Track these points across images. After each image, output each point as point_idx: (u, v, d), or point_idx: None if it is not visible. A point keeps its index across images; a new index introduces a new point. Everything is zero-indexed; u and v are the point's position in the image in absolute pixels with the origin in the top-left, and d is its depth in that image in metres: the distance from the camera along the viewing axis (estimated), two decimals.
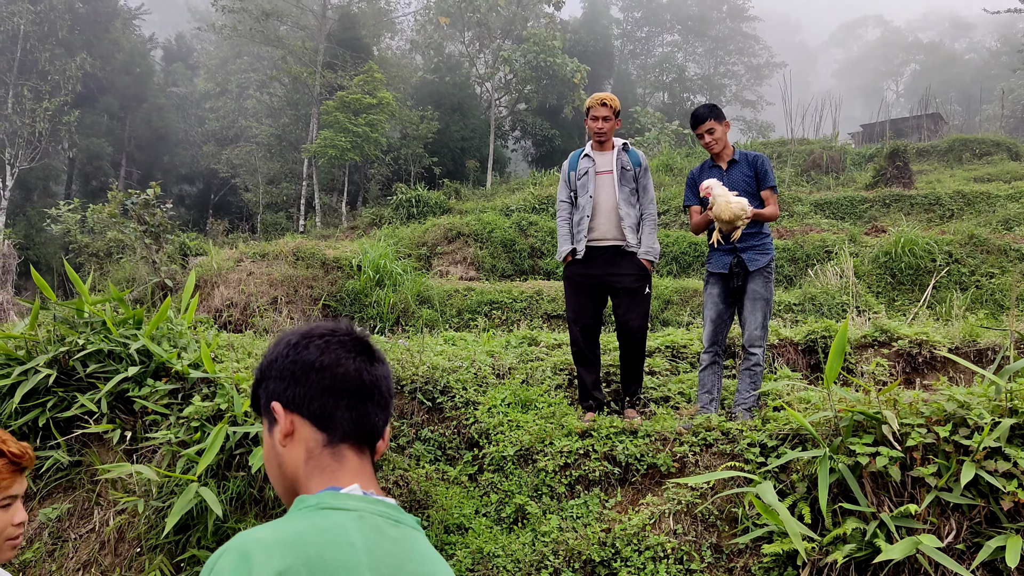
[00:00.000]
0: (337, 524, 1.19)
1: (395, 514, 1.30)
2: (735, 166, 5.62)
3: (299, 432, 1.35)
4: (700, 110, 5.65)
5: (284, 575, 1.09)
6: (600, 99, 5.72)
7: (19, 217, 30.00)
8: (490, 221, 16.31)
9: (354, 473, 1.33)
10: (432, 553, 1.34)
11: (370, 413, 1.37)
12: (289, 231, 27.66)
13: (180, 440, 5.06)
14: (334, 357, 1.36)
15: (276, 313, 10.34)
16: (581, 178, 5.75)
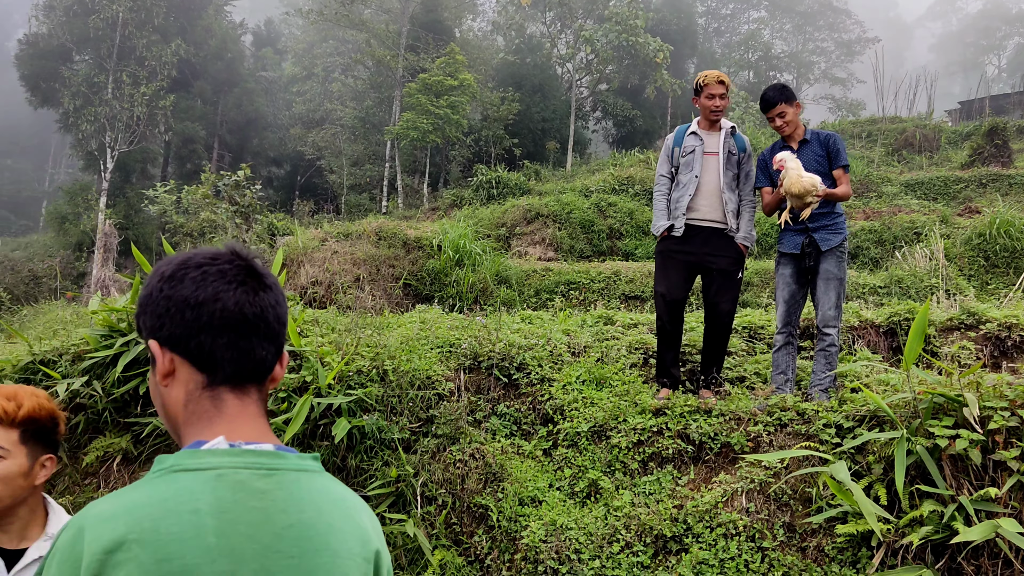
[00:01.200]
0: (183, 490, 1.11)
1: (269, 462, 1.20)
2: (806, 146, 5.51)
3: (179, 373, 1.25)
4: (770, 93, 5.55)
5: (114, 550, 1.04)
6: (717, 76, 5.60)
7: (119, 198, 31.43)
8: (569, 202, 16.32)
9: (231, 419, 1.24)
10: (322, 494, 1.25)
11: (255, 348, 1.25)
12: (372, 212, 28.23)
13: (269, 410, 5.30)
14: (211, 291, 1.22)
15: (359, 291, 10.64)
16: (686, 155, 5.66)
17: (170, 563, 1.04)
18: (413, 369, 5.70)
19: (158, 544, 1.05)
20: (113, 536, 1.04)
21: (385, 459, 5.23)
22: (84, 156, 32.71)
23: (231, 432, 1.22)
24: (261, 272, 1.30)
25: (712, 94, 5.59)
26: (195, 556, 1.06)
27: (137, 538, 1.04)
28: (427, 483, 5.12)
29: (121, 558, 1.03)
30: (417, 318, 7.42)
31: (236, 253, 1.31)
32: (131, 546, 1.04)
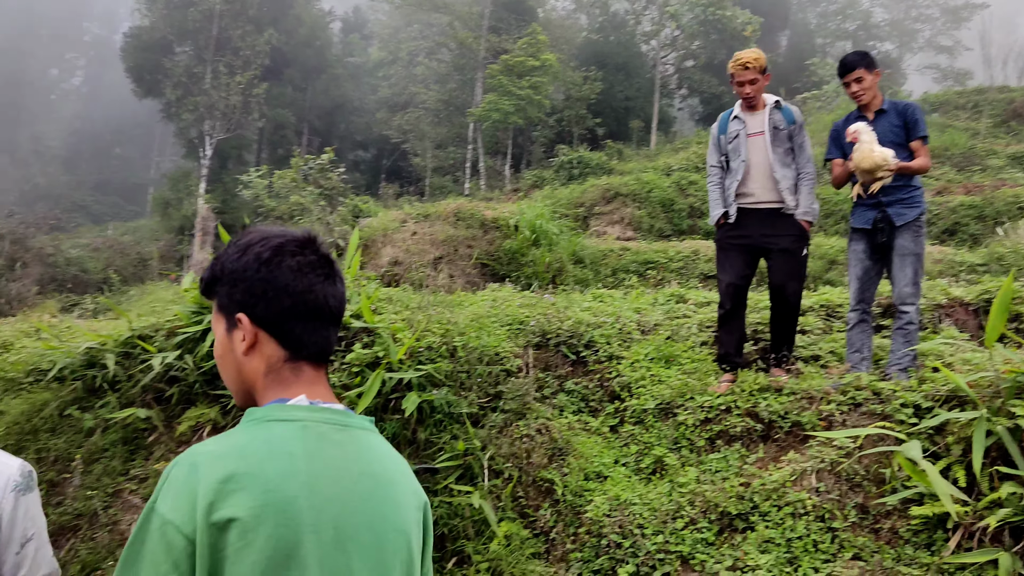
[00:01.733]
0: (278, 436, 1.28)
1: (342, 419, 1.37)
2: (883, 117, 5.26)
3: (262, 346, 1.39)
4: (850, 57, 5.32)
5: (228, 481, 1.19)
6: (741, 62, 5.35)
7: (217, 184, 32.71)
8: (649, 181, 16.14)
9: (307, 384, 1.39)
10: (382, 450, 1.42)
11: (332, 334, 1.44)
12: (455, 194, 28.55)
13: (343, 383, 5.49)
14: (307, 283, 1.38)
15: (436, 272, 10.83)
16: (732, 141, 5.50)
17: (274, 493, 1.20)
18: (482, 345, 5.79)
19: (264, 478, 1.21)
20: (226, 470, 1.20)
21: (453, 433, 5.34)
22: (185, 144, 34.20)
23: (310, 393, 1.38)
24: (336, 265, 1.46)
25: (741, 80, 5.39)
26: (293, 490, 1.22)
27: (246, 471, 1.21)
28: (494, 457, 5.21)
29: (234, 487, 1.19)
30: (489, 296, 7.51)
31: (315, 241, 1.45)
32: (241, 478, 1.20)
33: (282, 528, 1.19)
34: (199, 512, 1.17)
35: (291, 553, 1.20)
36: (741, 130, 5.49)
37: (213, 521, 1.17)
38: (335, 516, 1.26)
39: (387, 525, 1.33)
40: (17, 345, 8.60)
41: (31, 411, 6.95)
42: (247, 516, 1.18)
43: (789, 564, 4.16)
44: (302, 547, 1.21)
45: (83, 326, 9.08)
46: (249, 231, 1.47)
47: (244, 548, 1.17)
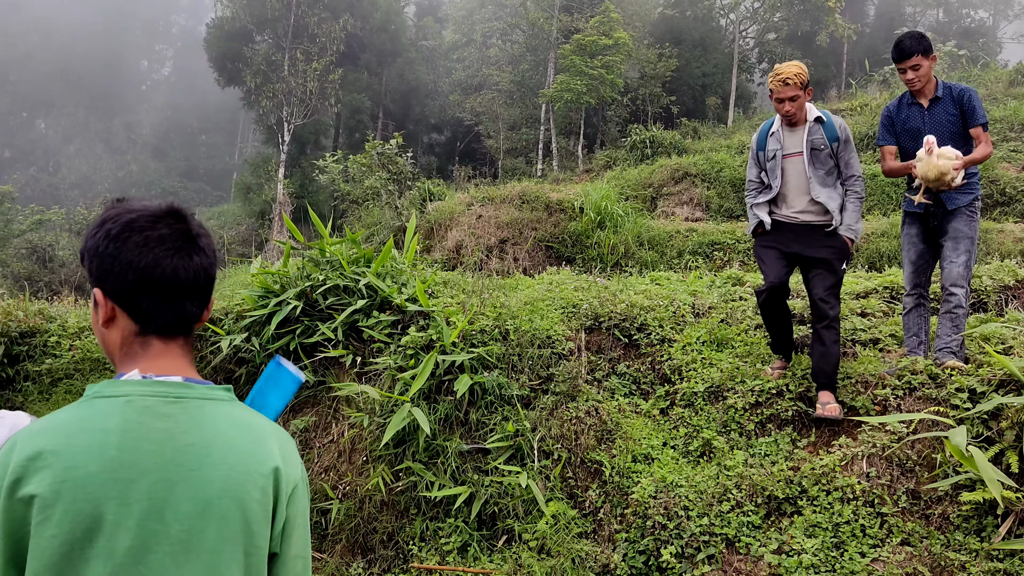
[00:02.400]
0: (97, 412, 1.33)
1: (175, 391, 1.39)
2: (938, 104, 5.05)
3: (118, 320, 1.45)
4: (906, 42, 5.00)
5: (35, 458, 1.25)
6: (781, 77, 4.93)
7: (295, 169, 33.54)
8: (719, 160, 15.87)
9: (152, 358, 1.43)
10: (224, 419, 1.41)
11: (185, 307, 1.45)
12: (527, 175, 28.58)
13: (399, 366, 5.66)
14: (152, 258, 1.40)
15: (501, 254, 10.92)
16: (769, 161, 5.17)
17: (76, 470, 1.25)
18: (534, 329, 5.87)
19: (68, 455, 1.26)
20: (35, 448, 1.27)
21: (504, 414, 5.45)
22: (265, 130, 35.15)
23: (147, 368, 1.42)
24: (196, 234, 1.47)
25: (780, 97, 4.99)
26: (96, 465, 1.27)
27: (52, 449, 1.27)
28: (544, 438, 5.30)
29: (39, 465, 1.25)
30: (546, 280, 7.57)
31: (175, 214, 1.47)
32: (47, 456, 1.26)
33: (80, 503, 1.24)
34: (4, 488, 1.25)
35: (93, 527, 1.24)
36: (777, 151, 5.14)
37: (17, 497, 1.24)
38: (150, 486, 1.29)
39: (212, 492, 1.33)
40: None
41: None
42: (47, 492, 1.24)
43: (835, 549, 4.14)
44: (105, 520, 1.25)
45: None
46: (112, 205, 1.49)
47: (43, 523, 1.23)
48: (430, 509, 5.27)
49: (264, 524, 1.39)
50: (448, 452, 5.30)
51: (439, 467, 5.29)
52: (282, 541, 1.44)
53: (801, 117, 5.05)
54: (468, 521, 5.07)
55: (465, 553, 4.99)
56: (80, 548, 1.24)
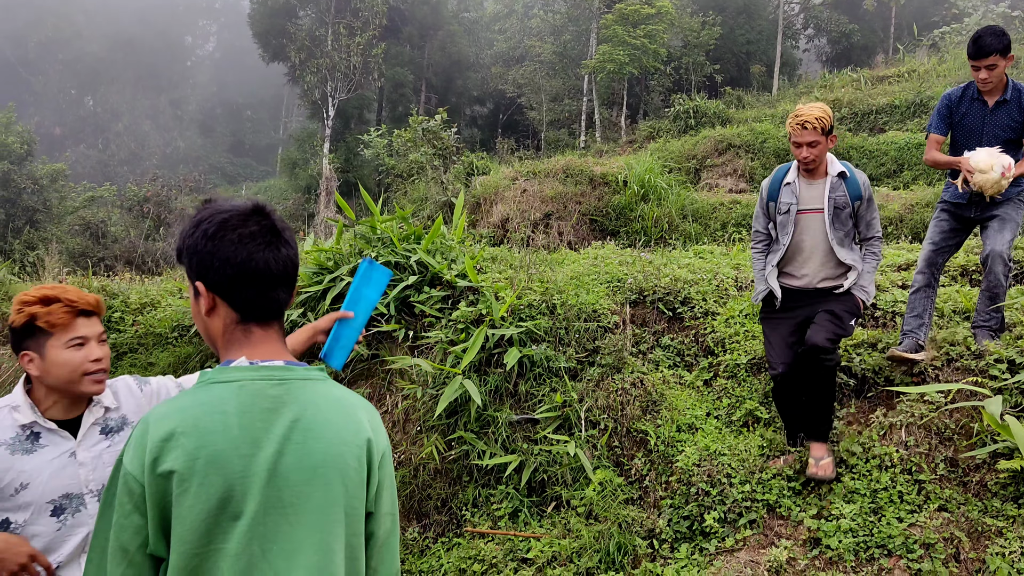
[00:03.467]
0: (216, 396, 1.51)
1: (279, 374, 1.57)
2: (1003, 107, 4.75)
3: (219, 309, 1.62)
4: (987, 40, 4.58)
5: (168, 439, 1.44)
6: (800, 119, 4.35)
7: (340, 144, 33.92)
8: (763, 131, 15.76)
9: (255, 344, 1.61)
10: (323, 397, 1.60)
11: (279, 295, 1.63)
12: (570, 147, 28.55)
13: (450, 339, 5.88)
14: (246, 253, 1.57)
15: (546, 229, 11.08)
16: (782, 215, 4.58)
17: (205, 448, 1.45)
18: (580, 303, 6.04)
19: (196, 435, 1.46)
20: (167, 429, 1.46)
21: (552, 386, 5.65)
22: (309, 105, 35.52)
23: (252, 354, 1.61)
24: (280, 228, 1.64)
25: (799, 142, 4.39)
26: (223, 443, 1.47)
27: (183, 430, 1.46)
28: (591, 408, 5.50)
29: (173, 444, 1.45)
30: (591, 254, 7.73)
31: (261, 211, 1.64)
32: (179, 436, 1.45)
33: (212, 476, 1.44)
34: (147, 465, 1.44)
35: (224, 496, 1.44)
36: (793, 204, 4.54)
37: (158, 472, 1.43)
38: (267, 459, 1.48)
39: (317, 460, 1.53)
40: (163, 303, 9.49)
41: (176, 363, 7.74)
42: (182, 468, 1.43)
43: (873, 514, 4.28)
44: (234, 489, 1.45)
45: None
46: (205, 207, 1.66)
47: (182, 494, 1.42)
48: (481, 476, 5.52)
49: (360, 487, 1.59)
50: (498, 422, 5.52)
51: (490, 436, 5.53)
52: (376, 501, 1.64)
53: (821, 168, 4.50)
54: (518, 488, 5.31)
55: (516, 518, 5.24)
56: (215, 514, 1.44)
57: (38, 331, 2.27)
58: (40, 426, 2.29)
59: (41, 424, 2.29)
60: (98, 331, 2.37)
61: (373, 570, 1.64)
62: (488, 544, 5.02)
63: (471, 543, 5.12)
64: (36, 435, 2.28)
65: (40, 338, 2.28)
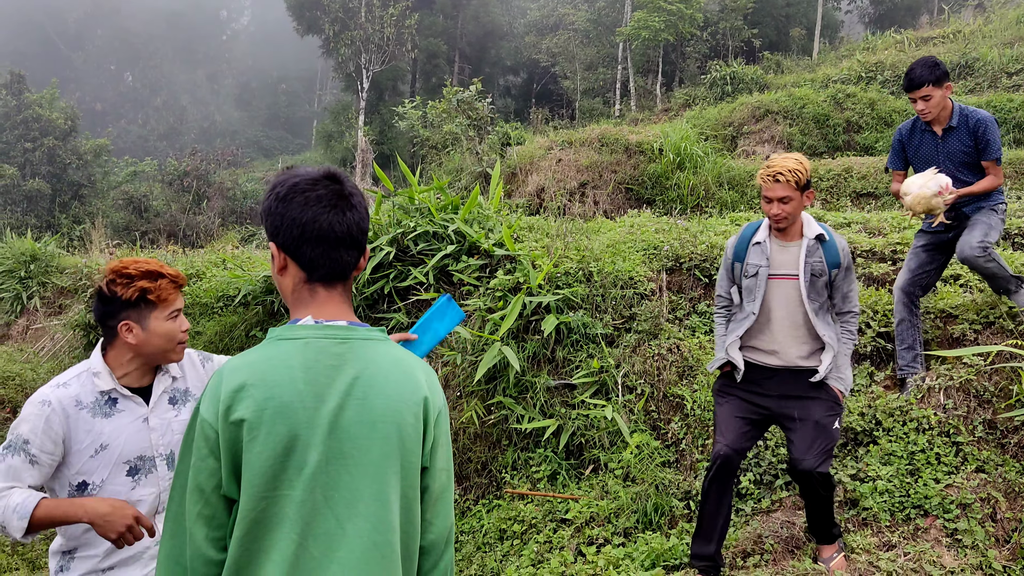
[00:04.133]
0: (283, 352, 1.62)
1: (342, 333, 1.66)
2: (952, 134, 4.72)
3: (289, 268, 1.71)
4: (918, 72, 4.63)
5: (240, 390, 1.55)
6: (773, 171, 3.74)
7: (374, 116, 34.05)
8: (802, 96, 15.53)
9: (320, 304, 1.71)
10: (382, 356, 1.69)
11: (342, 256, 1.70)
12: (605, 116, 28.34)
13: (488, 307, 5.99)
14: (312, 214, 1.66)
15: (582, 198, 11.10)
16: (748, 278, 3.94)
17: (273, 400, 1.56)
18: (616, 270, 6.10)
19: (265, 387, 1.57)
20: (239, 381, 1.58)
21: (589, 352, 5.74)
22: (344, 78, 35.68)
23: (317, 313, 1.70)
24: (349, 193, 1.72)
25: (769, 197, 3.78)
26: (289, 396, 1.57)
27: (252, 383, 1.57)
28: (628, 374, 5.58)
29: (243, 395, 1.56)
30: (627, 222, 7.76)
31: (331, 176, 1.72)
32: (249, 388, 1.56)
33: (279, 426, 1.55)
34: (220, 413, 1.55)
35: (290, 444, 1.55)
36: (762, 267, 3.89)
37: (230, 421, 1.55)
38: (330, 412, 1.58)
39: (376, 416, 1.62)
40: (208, 274, 9.73)
41: (222, 332, 7.95)
42: (252, 417, 1.54)
43: (910, 475, 4.32)
44: (299, 439, 1.56)
45: (261, 256, 10.09)
46: (282, 172, 1.76)
47: (252, 441, 1.54)
48: (520, 440, 5.64)
49: (417, 443, 1.68)
50: (536, 387, 5.63)
51: (528, 402, 5.64)
52: (431, 457, 1.73)
53: (796, 228, 3.89)
54: (556, 451, 5.42)
55: (554, 480, 5.36)
56: (281, 461, 1.56)
57: (144, 303, 2.42)
58: (118, 392, 2.44)
59: (119, 390, 2.44)
60: (183, 304, 2.54)
61: (428, 523, 1.73)
62: (527, 505, 5.16)
63: (511, 504, 5.25)
64: (114, 400, 2.43)
65: (144, 310, 2.42)
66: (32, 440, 2.30)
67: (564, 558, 4.50)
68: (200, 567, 1.56)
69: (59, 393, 2.37)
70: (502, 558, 4.83)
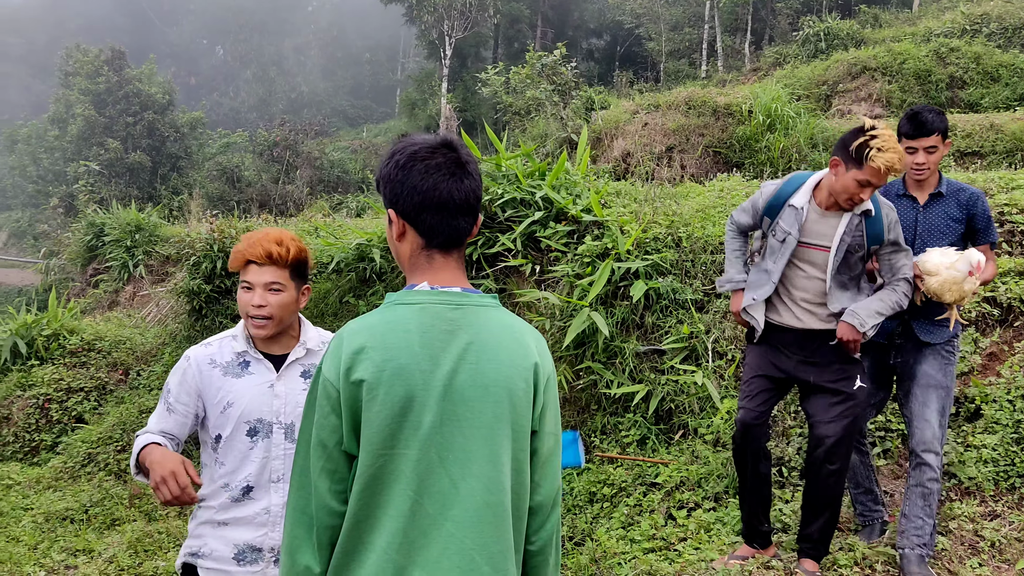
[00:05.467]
0: (400, 316, 1.68)
1: (456, 299, 1.71)
2: (938, 202, 3.79)
3: (408, 235, 1.76)
4: (927, 116, 3.68)
5: (359, 352, 1.63)
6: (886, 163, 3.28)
7: (457, 83, 34.14)
8: (902, 51, 14.83)
9: (436, 270, 1.75)
10: (495, 322, 1.73)
11: (459, 223, 1.74)
12: (690, 78, 27.71)
13: (576, 273, 6.01)
14: (432, 182, 1.70)
15: (669, 162, 10.95)
16: (775, 239, 3.65)
17: (391, 362, 1.63)
18: (706, 235, 6.03)
19: (383, 349, 1.64)
20: (358, 343, 1.66)
21: (679, 318, 5.71)
22: (426, 45, 35.80)
23: (433, 279, 1.75)
24: (465, 161, 1.76)
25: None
26: (406, 358, 1.64)
27: (371, 345, 1.65)
28: (718, 340, 5.53)
29: (363, 357, 1.64)
30: (716, 187, 7.63)
31: (449, 144, 1.76)
32: (368, 350, 1.64)
33: (396, 387, 1.61)
34: (341, 373, 1.64)
35: (406, 404, 1.62)
36: (790, 235, 3.59)
37: (351, 380, 1.62)
38: (444, 376, 1.64)
39: (488, 380, 1.67)
40: None
41: (317, 299, 8.21)
42: (371, 378, 1.61)
43: (1016, 444, 4.19)
44: (415, 400, 1.62)
45: (352, 225, 10.34)
46: (399, 140, 1.79)
47: (370, 401, 1.61)
48: (610, 405, 5.68)
49: (527, 407, 1.73)
50: (625, 353, 5.64)
51: (617, 367, 5.66)
52: (540, 421, 1.78)
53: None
54: (645, 416, 5.44)
55: (644, 445, 5.39)
56: (398, 421, 1.63)
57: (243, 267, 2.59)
58: (250, 355, 2.58)
59: (251, 354, 2.58)
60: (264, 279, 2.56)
61: (536, 484, 1.78)
62: (617, 469, 5.21)
63: (600, 468, 5.31)
64: (246, 363, 2.57)
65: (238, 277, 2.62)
66: (172, 391, 2.52)
67: (655, 521, 4.54)
68: (324, 517, 1.65)
69: (199, 351, 2.56)
70: (592, 520, 4.91)
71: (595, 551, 4.36)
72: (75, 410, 8.59)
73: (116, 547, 5.64)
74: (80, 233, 14.92)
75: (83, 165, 26.35)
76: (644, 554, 4.19)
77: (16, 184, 37.88)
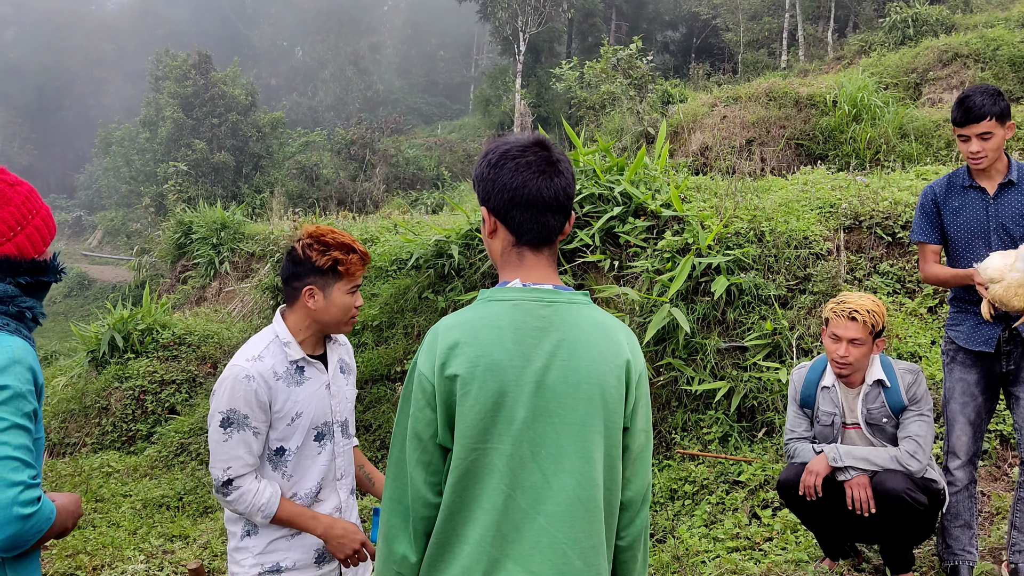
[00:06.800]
0: (493, 312, 1.70)
1: (548, 296, 1.72)
2: (1010, 191, 3.42)
3: (499, 232, 1.78)
4: (978, 101, 3.33)
5: (454, 347, 1.65)
6: (849, 309, 3.41)
7: (531, 79, 34.17)
8: (996, 37, 14.19)
9: (528, 268, 1.76)
10: (586, 319, 1.74)
11: (549, 221, 1.75)
12: (770, 68, 27.10)
13: (655, 269, 5.95)
14: (522, 179, 1.71)
15: (749, 156, 10.74)
16: (823, 426, 3.65)
17: (484, 357, 1.65)
18: (790, 230, 5.90)
19: (478, 345, 1.66)
20: (453, 339, 1.68)
21: (762, 314, 5.60)
22: (500, 41, 35.97)
23: (525, 276, 1.77)
24: (556, 159, 1.76)
25: (838, 335, 3.46)
26: (499, 354, 1.66)
27: (466, 340, 1.67)
28: (802, 336, 5.41)
29: (457, 352, 1.66)
30: (799, 180, 7.44)
31: (540, 143, 1.78)
32: (462, 346, 1.66)
33: (490, 382, 1.63)
34: (436, 368, 1.66)
35: (499, 400, 1.64)
36: (836, 416, 3.62)
37: (445, 375, 1.65)
38: (536, 372, 1.65)
39: (580, 377, 1.68)
40: (381, 239, 10.20)
41: (397, 294, 8.35)
42: (465, 373, 1.63)
43: None
44: (508, 395, 1.64)
45: (430, 221, 10.47)
46: (493, 140, 1.82)
47: (465, 395, 1.63)
48: (691, 402, 5.62)
49: (619, 404, 1.74)
50: (706, 349, 5.57)
51: (698, 363, 5.59)
52: (632, 418, 1.78)
53: (859, 376, 3.55)
54: (727, 413, 5.36)
55: (726, 443, 5.31)
56: (491, 415, 1.65)
57: (333, 273, 2.51)
58: (305, 361, 2.55)
59: (306, 359, 2.55)
60: (361, 281, 2.64)
61: (627, 480, 1.79)
62: (699, 467, 5.15)
63: (681, 465, 5.26)
64: (301, 369, 2.54)
65: (330, 279, 2.51)
66: (250, 415, 2.41)
67: (738, 520, 4.48)
68: (420, 508, 1.68)
69: (258, 367, 2.44)
70: (673, 517, 4.87)
71: (677, 549, 4.32)
72: (168, 401, 8.95)
73: (209, 534, 5.85)
74: (169, 231, 15.51)
75: (172, 166, 27.38)
76: (728, 553, 4.14)
77: (110, 185, 39.62)
